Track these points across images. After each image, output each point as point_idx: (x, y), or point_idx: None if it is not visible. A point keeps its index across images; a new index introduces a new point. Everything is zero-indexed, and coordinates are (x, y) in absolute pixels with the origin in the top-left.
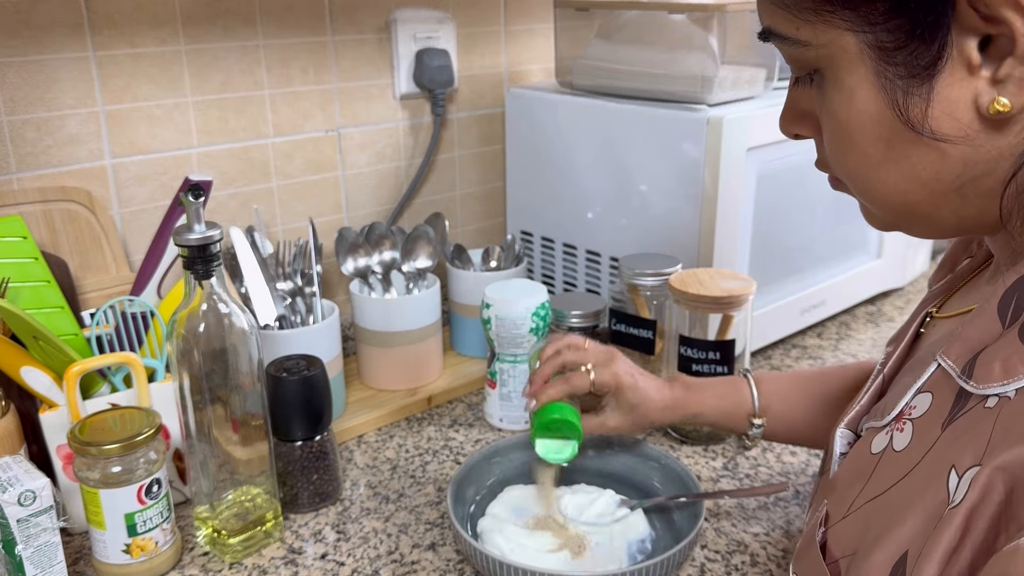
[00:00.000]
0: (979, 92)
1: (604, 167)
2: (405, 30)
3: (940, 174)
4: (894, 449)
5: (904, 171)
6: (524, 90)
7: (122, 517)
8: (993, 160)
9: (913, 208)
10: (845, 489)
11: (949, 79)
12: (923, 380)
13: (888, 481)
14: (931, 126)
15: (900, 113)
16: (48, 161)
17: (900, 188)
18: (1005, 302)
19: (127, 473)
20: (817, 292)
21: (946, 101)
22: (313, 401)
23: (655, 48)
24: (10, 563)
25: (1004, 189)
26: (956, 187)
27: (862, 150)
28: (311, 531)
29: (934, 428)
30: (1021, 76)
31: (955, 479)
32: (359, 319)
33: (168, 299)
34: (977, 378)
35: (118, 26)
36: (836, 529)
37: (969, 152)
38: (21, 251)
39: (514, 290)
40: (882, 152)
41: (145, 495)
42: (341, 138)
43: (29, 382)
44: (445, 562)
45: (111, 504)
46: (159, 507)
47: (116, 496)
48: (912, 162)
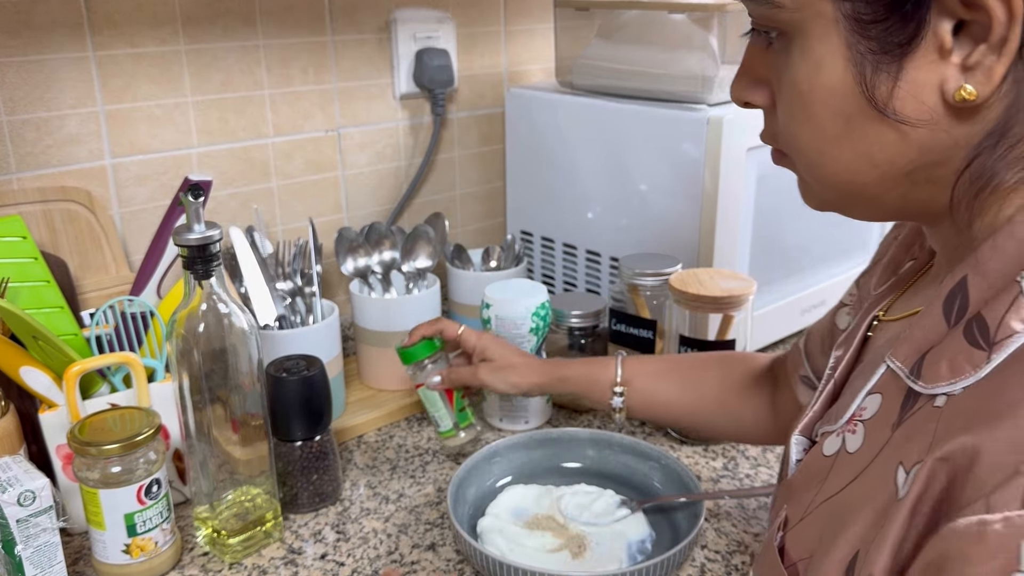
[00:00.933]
0: (946, 77)
1: (604, 167)
2: (405, 30)
3: (895, 157)
4: (847, 451)
5: (859, 150)
6: (524, 90)
7: (122, 517)
8: (950, 148)
9: (860, 189)
10: (802, 493)
11: (919, 60)
12: (873, 382)
13: (842, 482)
14: (895, 106)
15: (866, 89)
16: (48, 161)
17: (851, 168)
18: (950, 302)
19: (127, 473)
20: (817, 292)
21: (913, 83)
22: (313, 401)
23: (655, 48)
24: (10, 563)
25: (957, 179)
26: (907, 172)
27: (819, 124)
28: (311, 531)
29: (884, 429)
30: (991, 65)
31: (903, 475)
32: (359, 319)
33: (168, 299)
34: (925, 378)
35: (118, 26)
36: (794, 532)
37: (928, 138)
38: (21, 251)
39: (514, 290)
40: (840, 128)
41: (145, 495)
42: (341, 138)
43: (29, 382)
44: (445, 562)
45: (111, 504)
46: (159, 507)
47: (116, 496)
48: (869, 142)
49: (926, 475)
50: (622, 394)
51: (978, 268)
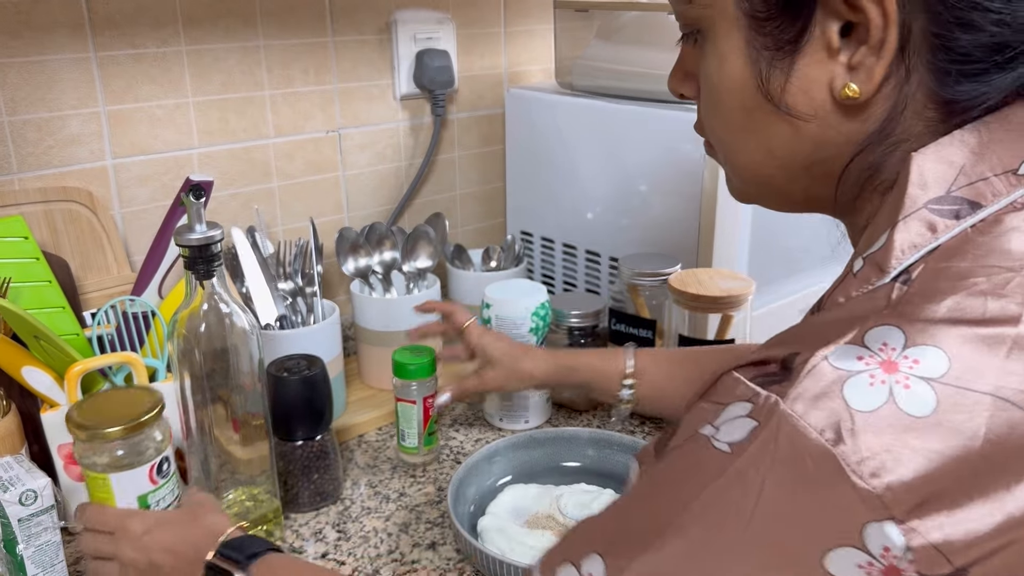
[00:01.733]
0: (835, 75)
1: (604, 168)
2: (405, 31)
3: (792, 151)
4: None
5: (761, 143)
6: (524, 91)
7: (135, 500)
8: (841, 144)
9: (767, 180)
10: None
11: (810, 58)
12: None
13: None
14: (787, 101)
15: (761, 83)
16: (49, 161)
17: (755, 159)
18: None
19: (136, 455)
20: (816, 292)
21: (804, 79)
22: (314, 401)
23: (655, 49)
24: (11, 562)
25: (841, 173)
26: (806, 166)
27: (726, 115)
28: (312, 530)
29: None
30: (871, 66)
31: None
32: (360, 319)
33: (169, 299)
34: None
35: (119, 27)
36: None
37: (819, 133)
38: (22, 251)
39: (514, 290)
40: (743, 120)
41: (157, 474)
42: (341, 138)
43: (30, 382)
44: (445, 561)
45: (123, 488)
46: (170, 485)
47: (127, 479)
48: (768, 135)
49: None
50: (632, 386)
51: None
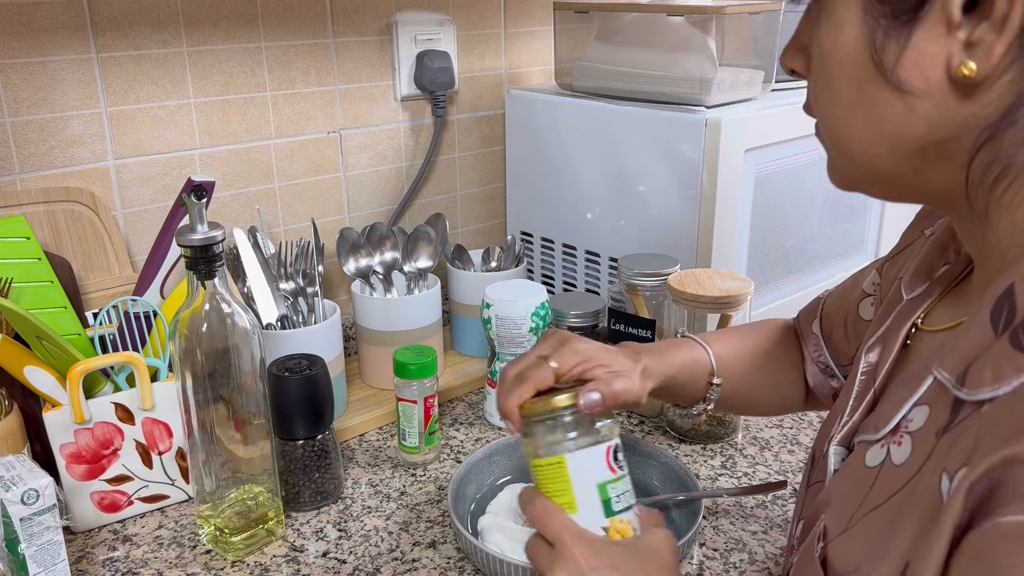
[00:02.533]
0: (952, 52)
1: (603, 168)
2: (406, 32)
3: (903, 130)
4: (893, 463)
5: (870, 119)
6: (524, 92)
7: (595, 489)
8: (958, 127)
9: (874, 161)
10: (842, 504)
11: (928, 32)
12: (920, 394)
13: (887, 494)
14: (900, 74)
15: (874, 54)
16: (51, 162)
17: (863, 137)
18: (997, 310)
19: (589, 431)
20: (815, 292)
21: (920, 53)
22: (315, 400)
23: (654, 50)
24: (13, 562)
25: (970, 160)
26: (919, 147)
27: (836, 88)
28: (313, 529)
29: (930, 438)
30: (991, 43)
31: (946, 483)
32: (360, 319)
33: (171, 299)
34: (969, 385)
35: (121, 28)
36: (836, 544)
37: (933, 112)
38: (25, 251)
39: (514, 290)
40: (852, 94)
41: (613, 461)
42: (342, 139)
43: (32, 381)
44: (446, 560)
45: (579, 473)
46: (626, 484)
47: (583, 461)
48: (878, 111)
49: (967, 487)
50: (720, 385)
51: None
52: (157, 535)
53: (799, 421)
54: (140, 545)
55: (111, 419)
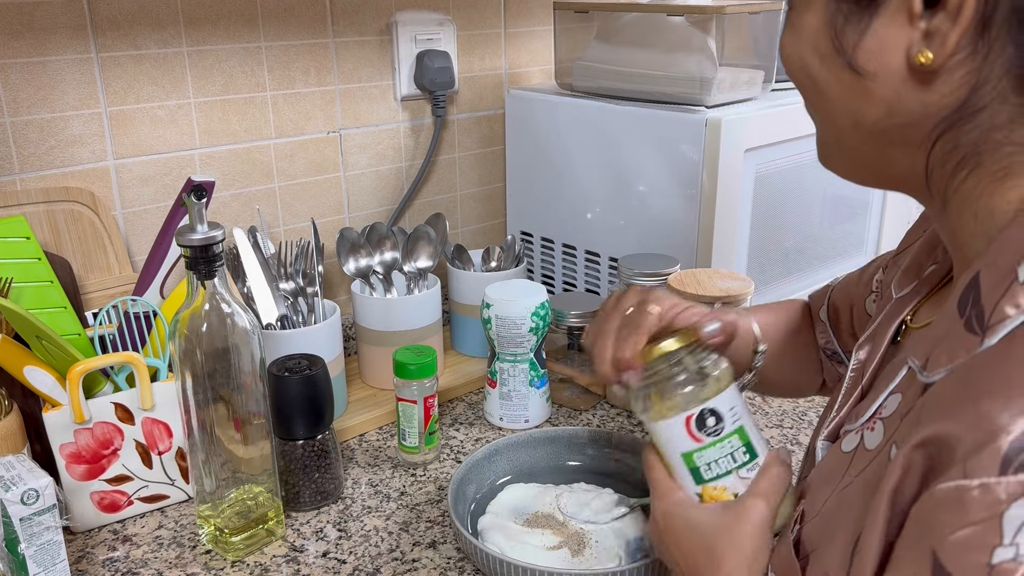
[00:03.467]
0: (912, 41)
1: (603, 168)
2: (406, 32)
3: (864, 111)
4: (866, 448)
5: (833, 96)
6: (524, 92)
7: (680, 458)
8: (916, 114)
9: (842, 137)
10: (819, 488)
11: (888, 19)
12: (895, 383)
13: (854, 475)
14: (858, 58)
15: (834, 36)
16: (51, 162)
17: (830, 111)
18: (964, 298)
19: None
20: None
21: (880, 40)
22: (315, 400)
23: (654, 50)
24: (13, 562)
25: (931, 147)
26: (880, 129)
27: (805, 62)
28: (313, 529)
29: (896, 421)
30: (946, 32)
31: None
32: (360, 319)
33: (171, 299)
34: (929, 368)
35: (120, 28)
36: (808, 526)
37: (891, 97)
38: (24, 251)
39: (514, 290)
40: (817, 70)
41: (697, 428)
42: (342, 139)
43: (32, 381)
44: (446, 560)
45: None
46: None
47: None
48: (841, 90)
49: (903, 460)
50: (764, 352)
51: (989, 262)
52: (157, 535)
53: (799, 421)
54: (140, 545)
55: (111, 419)
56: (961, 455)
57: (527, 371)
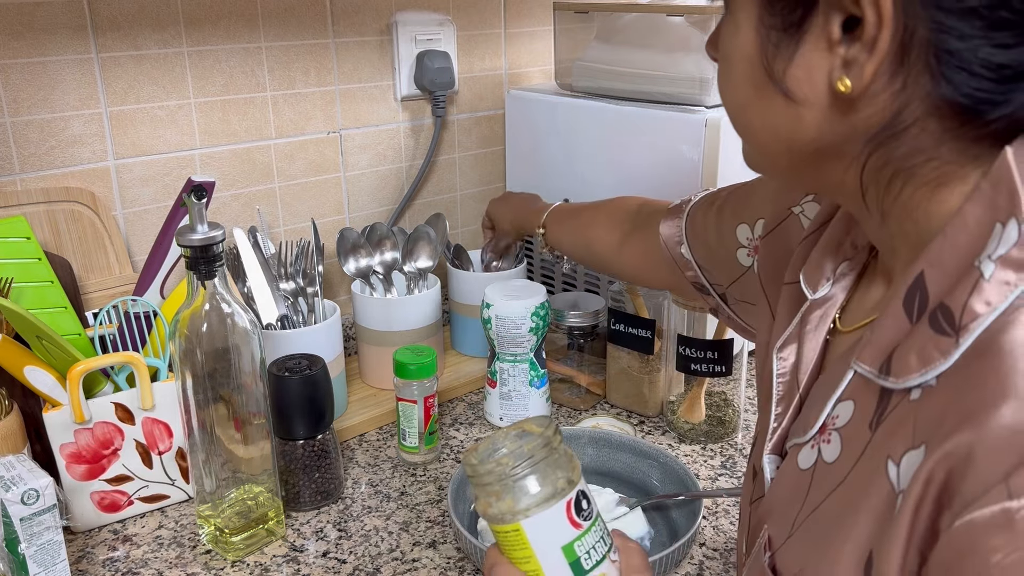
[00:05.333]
0: (833, 67)
1: (603, 168)
2: (406, 32)
3: (796, 134)
4: (825, 461)
5: (766, 121)
6: (524, 92)
7: (560, 553)
8: (844, 135)
9: (774, 161)
10: (783, 510)
11: (812, 45)
12: (841, 390)
13: (825, 492)
14: (788, 84)
15: (765, 62)
16: (52, 162)
17: (762, 136)
18: (909, 298)
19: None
20: None
21: (806, 65)
22: (315, 400)
23: (654, 50)
24: (13, 561)
25: (863, 165)
26: (812, 150)
27: (735, 87)
28: (313, 529)
29: (862, 431)
30: (863, 63)
31: (893, 468)
32: (360, 319)
33: (171, 299)
34: (895, 373)
35: (121, 28)
36: (783, 550)
37: (820, 120)
38: (25, 251)
39: (514, 290)
40: (750, 95)
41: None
42: (342, 139)
43: (32, 381)
44: (446, 560)
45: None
46: (598, 529)
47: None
48: (773, 114)
49: (925, 476)
50: (543, 235)
51: (933, 262)
52: (157, 535)
53: None
54: (140, 545)
55: (111, 419)
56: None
57: (527, 371)
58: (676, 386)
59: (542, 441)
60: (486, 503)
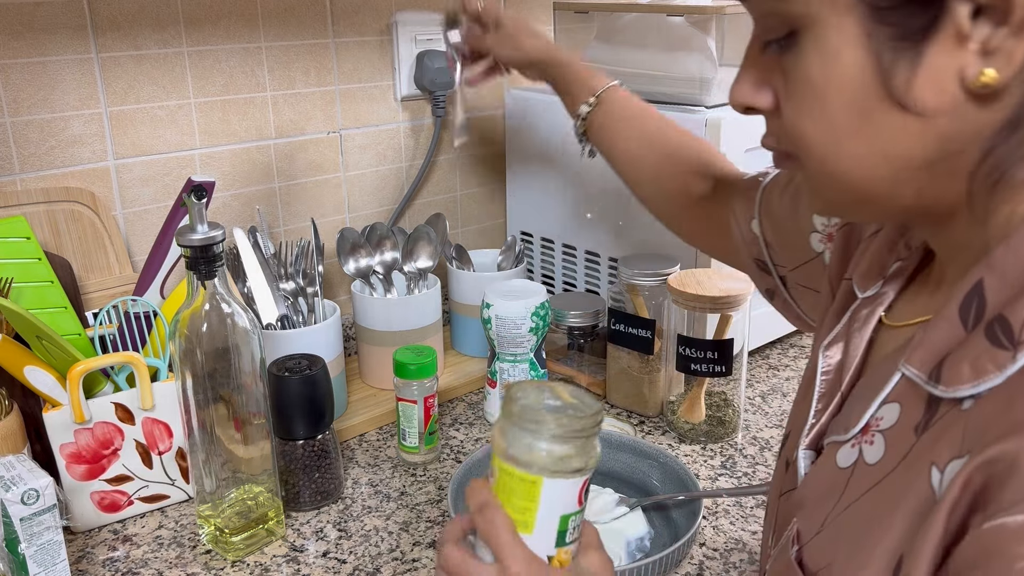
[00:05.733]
0: (966, 64)
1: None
2: (406, 32)
3: (912, 150)
4: (866, 462)
5: (874, 144)
6: (524, 91)
7: (557, 520)
8: (971, 137)
9: (874, 186)
10: (816, 505)
11: (939, 47)
12: (887, 391)
13: (860, 492)
14: (914, 96)
15: (884, 79)
16: (52, 162)
17: (865, 164)
18: (966, 305)
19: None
20: None
21: (933, 70)
22: (315, 400)
23: (654, 50)
24: (13, 562)
25: (975, 169)
26: (926, 164)
27: (832, 118)
28: (313, 529)
29: (907, 435)
30: (1011, 48)
31: (937, 475)
32: (360, 319)
33: (171, 299)
34: (946, 381)
35: (121, 28)
36: (811, 545)
37: (948, 127)
38: (25, 251)
39: (514, 290)
40: (854, 122)
41: (584, 494)
42: (343, 139)
43: (33, 381)
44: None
45: (550, 501)
46: (584, 513)
47: (559, 490)
48: (885, 135)
49: (963, 480)
50: (592, 105)
51: (994, 270)
52: (157, 535)
53: None
54: (140, 545)
55: (111, 419)
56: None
57: (527, 371)
58: (676, 386)
59: (594, 421)
60: (515, 442)
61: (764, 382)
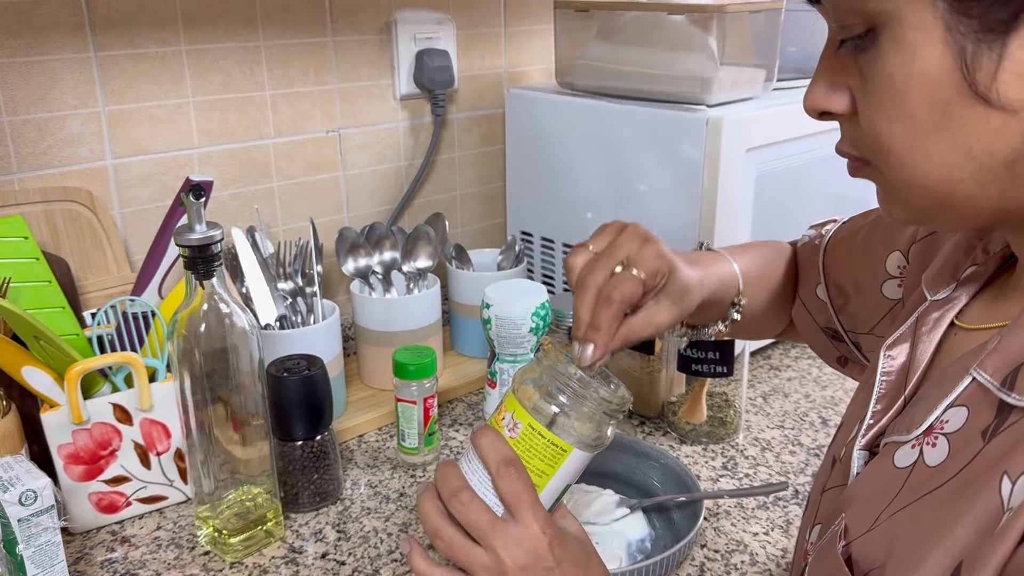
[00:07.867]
0: None
1: (604, 167)
2: (405, 31)
3: (995, 146)
4: (927, 464)
5: (956, 142)
6: (524, 91)
7: (561, 489)
8: None
9: (954, 188)
10: (868, 503)
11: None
12: (956, 395)
13: (919, 494)
14: (999, 89)
15: (967, 73)
16: (49, 161)
17: (946, 162)
18: None
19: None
20: None
21: (1017, 62)
22: (314, 401)
23: (655, 49)
24: (11, 562)
25: None
26: (1009, 163)
27: (912, 116)
28: (312, 530)
29: (974, 440)
30: None
31: (1008, 485)
32: (359, 319)
33: (169, 299)
34: (1020, 390)
35: (119, 27)
36: (861, 542)
37: None
38: (22, 251)
39: (514, 290)
40: (935, 119)
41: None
42: (341, 138)
43: (30, 382)
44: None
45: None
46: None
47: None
48: (967, 132)
49: None
50: (742, 306)
51: None
52: (155, 536)
53: (800, 422)
54: (138, 546)
55: (109, 420)
56: None
57: None
58: (677, 387)
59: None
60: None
61: (766, 383)
